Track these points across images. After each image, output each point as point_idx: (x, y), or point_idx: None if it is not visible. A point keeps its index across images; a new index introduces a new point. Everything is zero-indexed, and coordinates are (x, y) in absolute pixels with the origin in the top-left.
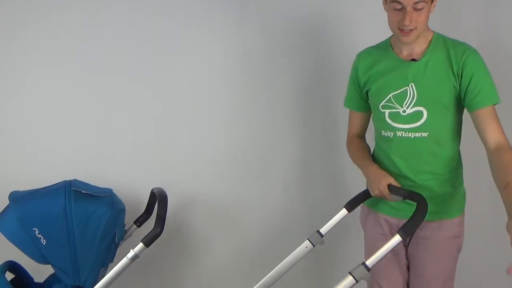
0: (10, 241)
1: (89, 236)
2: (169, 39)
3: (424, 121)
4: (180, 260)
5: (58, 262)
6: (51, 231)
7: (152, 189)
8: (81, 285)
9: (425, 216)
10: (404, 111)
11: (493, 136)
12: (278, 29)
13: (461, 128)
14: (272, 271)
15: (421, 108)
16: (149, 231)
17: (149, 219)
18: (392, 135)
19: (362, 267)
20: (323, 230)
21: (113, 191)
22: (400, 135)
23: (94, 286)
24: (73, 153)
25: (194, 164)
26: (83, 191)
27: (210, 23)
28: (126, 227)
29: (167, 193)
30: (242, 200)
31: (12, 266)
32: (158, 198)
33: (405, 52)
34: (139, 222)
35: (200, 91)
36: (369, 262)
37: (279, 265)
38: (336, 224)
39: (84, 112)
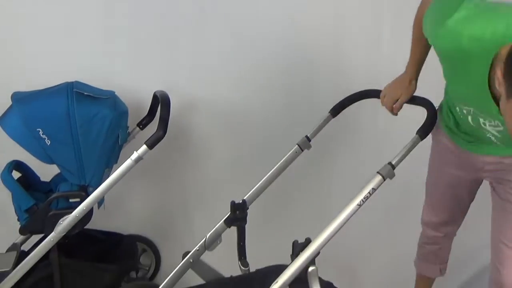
0: (15, 141)
1: (92, 137)
2: None
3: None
4: (182, 162)
5: (63, 162)
6: (55, 132)
7: (155, 92)
8: (86, 184)
9: (435, 117)
10: None
11: None
12: None
13: None
14: (266, 175)
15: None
16: (152, 133)
17: (152, 121)
18: (458, 110)
19: (389, 166)
20: (310, 135)
21: (115, 93)
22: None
23: (99, 185)
24: (74, 55)
25: (196, 67)
26: (85, 93)
27: None
28: (129, 130)
29: (169, 96)
30: (244, 102)
31: (18, 165)
32: (160, 101)
33: None
34: (142, 124)
35: None
36: (395, 162)
37: (272, 170)
38: (322, 129)
39: (84, 13)
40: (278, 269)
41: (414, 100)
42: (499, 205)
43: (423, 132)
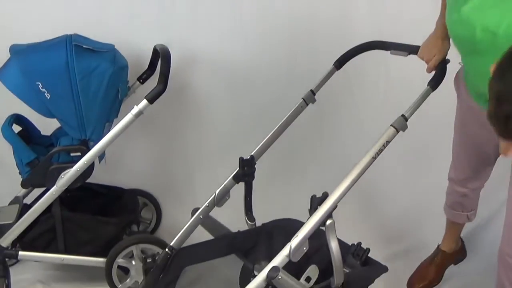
0: (15, 94)
1: (92, 91)
2: None
3: None
4: (183, 116)
5: (64, 116)
6: (54, 86)
7: (155, 46)
8: (87, 138)
9: (445, 68)
10: None
11: None
12: None
13: None
14: (272, 131)
15: None
16: (153, 88)
17: (152, 76)
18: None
19: (402, 118)
20: (315, 88)
21: (115, 47)
22: None
23: (99, 140)
24: (72, 8)
25: (197, 20)
26: (84, 46)
27: None
28: (129, 84)
29: (170, 50)
30: (246, 55)
31: (18, 119)
32: (161, 55)
33: None
34: (142, 79)
35: None
36: (407, 114)
37: (278, 125)
38: (327, 82)
39: None
40: (283, 223)
41: None
42: None
43: (434, 83)
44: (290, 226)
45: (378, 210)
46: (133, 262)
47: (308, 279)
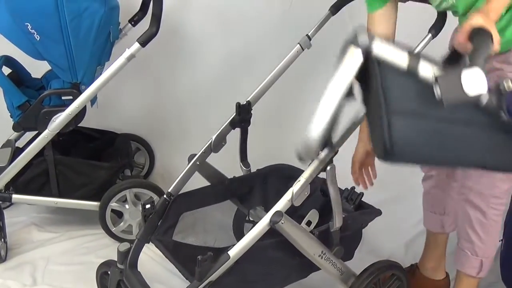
0: (3, 35)
1: (83, 33)
2: None
3: None
4: (176, 60)
5: (54, 58)
6: (44, 27)
7: None
8: (78, 82)
9: (445, 18)
10: None
11: None
12: None
13: None
14: (269, 76)
15: None
16: (145, 30)
17: (144, 18)
18: None
19: None
20: (311, 34)
21: None
22: None
23: (91, 83)
24: None
25: None
26: None
27: None
28: (121, 26)
29: None
30: (240, 0)
31: (8, 60)
32: None
33: None
34: (134, 21)
35: None
36: None
37: (274, 70)
38: (322, 27)
39: None
40: (278, 168)
41: None
42: None
43: (435, 31)
44: (284, 172)
45: None
46: (127, 206)
47: (308, 223)
